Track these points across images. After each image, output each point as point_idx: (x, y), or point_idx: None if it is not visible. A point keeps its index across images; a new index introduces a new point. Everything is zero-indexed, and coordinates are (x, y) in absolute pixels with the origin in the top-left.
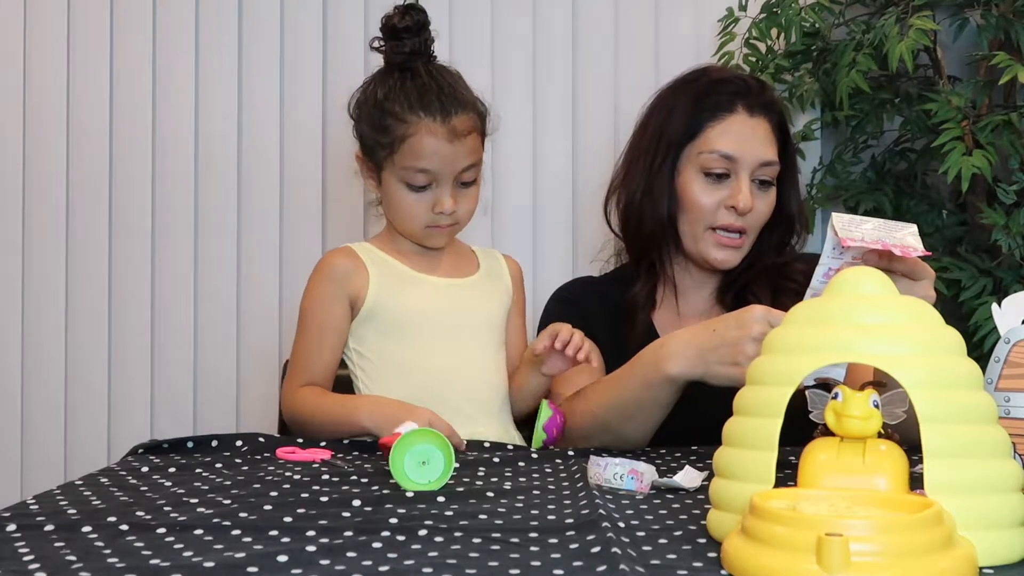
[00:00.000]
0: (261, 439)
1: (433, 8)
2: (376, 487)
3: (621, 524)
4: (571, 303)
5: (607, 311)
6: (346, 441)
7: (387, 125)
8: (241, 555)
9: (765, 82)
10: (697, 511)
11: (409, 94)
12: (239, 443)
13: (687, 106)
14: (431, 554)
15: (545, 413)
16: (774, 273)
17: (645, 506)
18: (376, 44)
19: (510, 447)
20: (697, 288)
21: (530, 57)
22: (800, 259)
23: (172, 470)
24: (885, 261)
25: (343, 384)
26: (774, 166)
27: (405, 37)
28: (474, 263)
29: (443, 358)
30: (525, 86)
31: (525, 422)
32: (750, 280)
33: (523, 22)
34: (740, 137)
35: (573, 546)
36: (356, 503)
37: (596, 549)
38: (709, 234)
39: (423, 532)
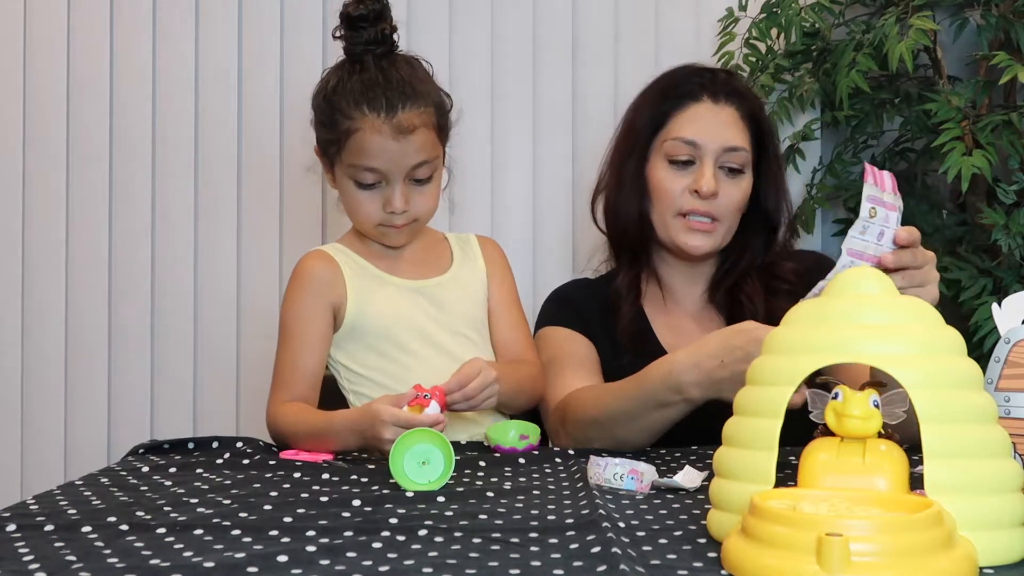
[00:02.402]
0: (262, 442)
1: (432, 8)
2: (376, 487)
3: (621, 524)
4: (566, 302)
5: (601, 309)
6: None
7: (334, 120)
8: (241, 555)
9: (736, 73)
10: (697, 511)
11: (355, 88)
12: (240, 444)
13: (655, 99)
14: (431, 554)
15: (535, 437)
16: (766, 273)
17: (645, 506)
18: (337, 33)
19: None
20: (685, 285)
21: (530, 57)
22: (792, 258)
23: (172, 470)
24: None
25: (328, 389)
26: (741, 152)
27: (362, 26)
28: (447, 255)
29: (432, 367)
30: (525, 86)
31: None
32: (740, 279)
33: (523, 22)
34: (703, 123)
35: (573, 546)
36: (356, 503)
37: (596, 549)
38: (678, 220)
39: (423, 532)
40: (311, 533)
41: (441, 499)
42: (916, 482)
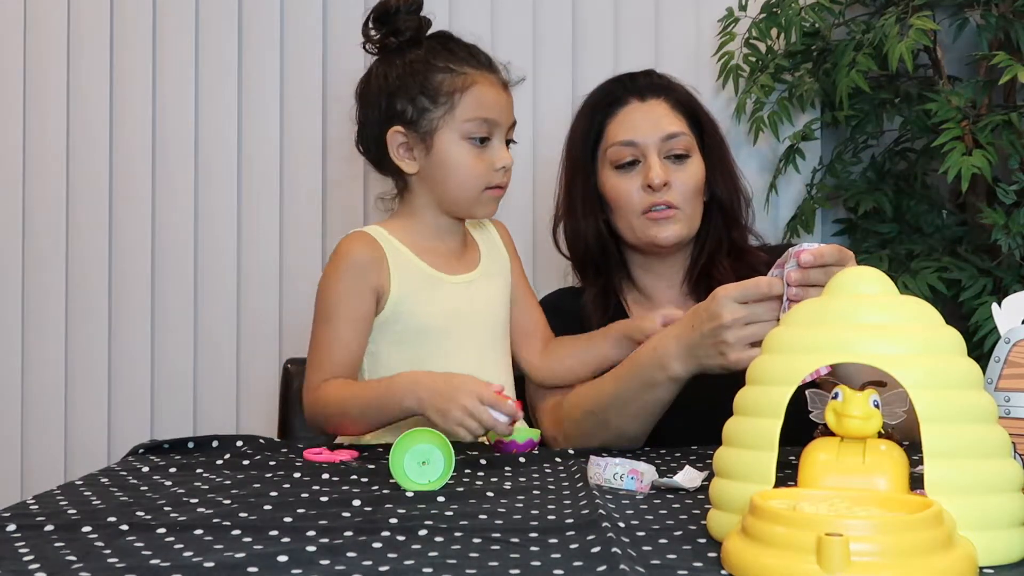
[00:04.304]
0: (262, 440)
1: (432, 8)
2: (376, 487)
3: (621, 524)
4: (554, 311)
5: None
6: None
7: (439, 83)
8: (241, 555)
9: (655, 71)
10: (697, 511)
11: (454, 52)
12: (240, 444)
13: (586, 116)
14: (431, 554)
15: (532, 432)
16: (739, 263)
17: (645, 506)
18: (374, 34)
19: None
20: (664, 288)
21: (530, 58)
22: (764, 249)
23: (172, 470)
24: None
25: None
26: (681, 137)
27: (409, 17)
28: (475, 246)
29: (458, 364)
30: (525, 87)
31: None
32: (710, 265)
33: (523, 22)
34: (636, 121)
35: (573, 546)
36: (356, 503)
37: (596, 549)
38: (642, 219)
39: (423, 532)
40: (311, 533)
41: (441, 499)
42: (916, 482)
